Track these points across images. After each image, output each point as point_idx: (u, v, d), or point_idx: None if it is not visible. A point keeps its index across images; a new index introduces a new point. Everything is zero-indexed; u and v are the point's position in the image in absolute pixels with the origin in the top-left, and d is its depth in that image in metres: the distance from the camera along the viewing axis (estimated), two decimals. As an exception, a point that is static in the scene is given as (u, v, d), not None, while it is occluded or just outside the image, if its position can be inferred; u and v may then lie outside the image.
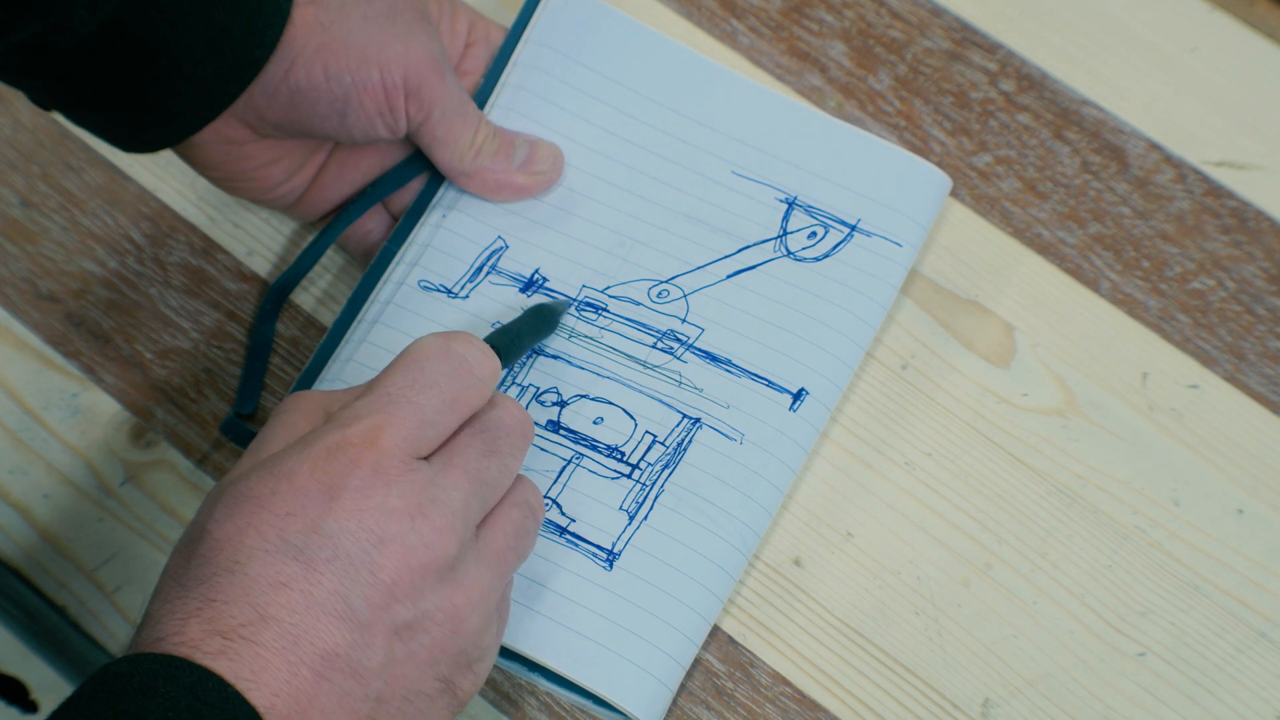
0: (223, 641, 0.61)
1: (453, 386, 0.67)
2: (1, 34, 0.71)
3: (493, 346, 0.73)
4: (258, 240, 0.85)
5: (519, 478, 0.70)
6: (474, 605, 0.66)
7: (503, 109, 0.84)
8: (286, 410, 0.68)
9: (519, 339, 0.76)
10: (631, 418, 0.78)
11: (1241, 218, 0.85)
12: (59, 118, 0.87)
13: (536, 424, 0.78)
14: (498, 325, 0.79)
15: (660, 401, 0.79)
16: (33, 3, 0.71)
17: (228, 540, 0.63)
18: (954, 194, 0.85)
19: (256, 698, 0.60)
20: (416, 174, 0.83)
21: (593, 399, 0.79)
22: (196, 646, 0.61)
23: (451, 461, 0.67)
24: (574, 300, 0.80)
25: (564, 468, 0.78)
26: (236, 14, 0.74)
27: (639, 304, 0.81)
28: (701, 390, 0.79)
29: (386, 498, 0.64)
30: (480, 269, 0.82)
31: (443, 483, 0.66)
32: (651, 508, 0.77)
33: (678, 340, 0.80)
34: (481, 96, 0.84)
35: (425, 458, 0.66)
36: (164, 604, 0.63)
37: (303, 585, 0.62)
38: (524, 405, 0.79)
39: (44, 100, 0.77)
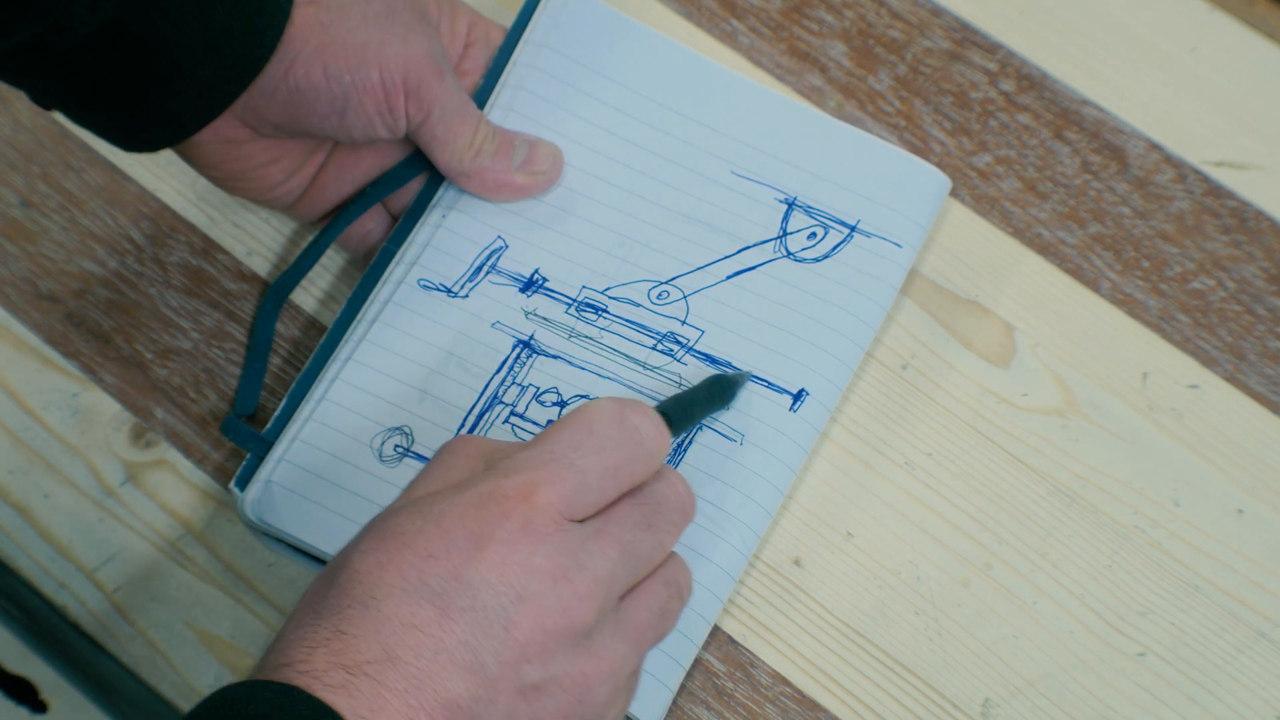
0: (346, 676, 0.60)
1: (619, 454, 0.66)
2: (2, 34, 0.71)
3: (665, 414, 0.71)
4: (258, 240, 0.85)
5: (672, 555, 0.68)
6: (604, 677, 0.64)
7: (502, 109, 0.84)
8: (448, 452, 0.67)
9: (692, 409, 0.75)
10: (631, 418, 0.78)
11: (1241, 218, 0.85)
12: (59, 117, 0.87)
13: (536, 424, 0.78)
14: (677, 391, 0.78)
15: (660, 402, 0.79)
16: (33, 3, 0.71)
17: (367, 574, 0.62)
18: (954, 194, 0.85)
19: None
20: (416, 174, 0.83)
21: (593, 399, 0.79)
22: (319, 677, 0.60)
23: (606, 529, 0.65)
24: (752, 376, 0.79)
25: (564, 468, 0.78)
26: (236, 14, 0.74)
27: (639, 305, 0.81)
28: (701, 390, 0.79)
29: (532, 555, 0.63)
30: (480, 269, 0.82)
31: (592, 549, 0.64)
32: (651, 508, 0.77)
33: (678, 343, 0.80)
34: (481, 96, 0.84)
35: (580, 521, 0.65)
36: (295, 629, 0.62)
37: (435, 631, 0.61)
38: (525, 405, 0.79)
39: (45, 100, 0.77)
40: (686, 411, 0.74)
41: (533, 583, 0.62)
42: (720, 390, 0.77)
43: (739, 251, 0.81)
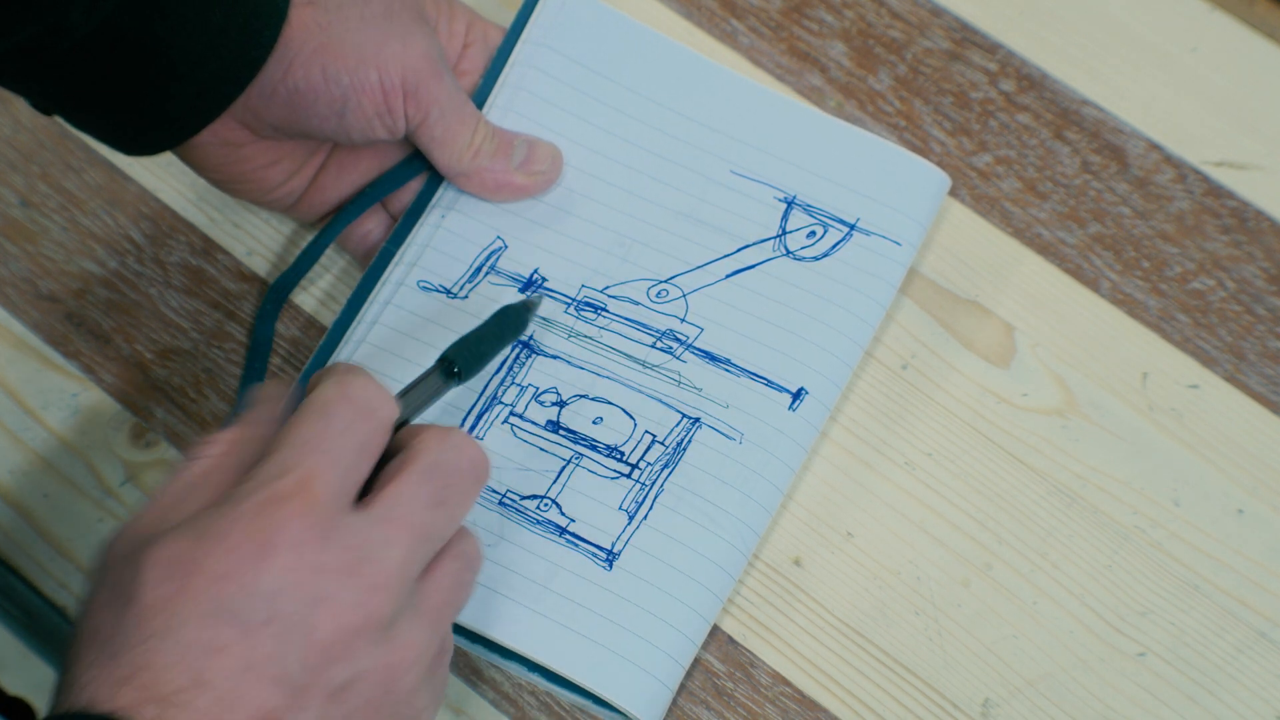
0: (157, 709, 0.59)
1: (361, 430, 0.65)
2: (1, 35, 0.71)
3: (452, 360, 0.71)
4: (258, 240, 0.85)
5: (460, 528, 0.68)
6: (409, 664, 0.64)
7: (501, 109, 0.84)
8: (196, 455, 0.66)
9: (481, 347, 0.74)
10: (631, 417, 0.78)
11: (1241, 218, 0.85)
12: (60, 120, 0.87)
13: (535, 424, 0.78)
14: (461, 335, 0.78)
15: (660, 401, 0.79)
16: (30, 4, 0.71)
17: (161, 605, 0.61)
18: (954, 194, 0.85)
19: None
20: (415, 174, 0.83)
21: (592, 399, 0.79)
22: (131, 713, 0.59)
23: (393, 515, 0.65)
24: (539, 299, 0.79)
25: (563, 468, 0.78)
26: (233, 15, 0.74)
27: (638, 304, 0.81)
28: (701, 390, 0.79)
29: (321, 554, 0.62)
30: (479, 269, 0.82)
31: (381, 536, 0.64)
32: (651, 507, 0.77)
33: (677, 340, 0.80)
34: (480, 97, 0.84)
35: (362, 506, 0.65)
36: (90, 668, 0.61)
37: (239, 649, 0.60)
38: (524, 406, 0.79)
39: (44, 105, 0.77)
40: (475, 351, 0.73)
41: (327, 582, 0.62)
42: (509, 320, 0.76)
43: (738, 250, 0.81)
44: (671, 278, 0.81)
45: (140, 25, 0.73)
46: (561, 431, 0.78)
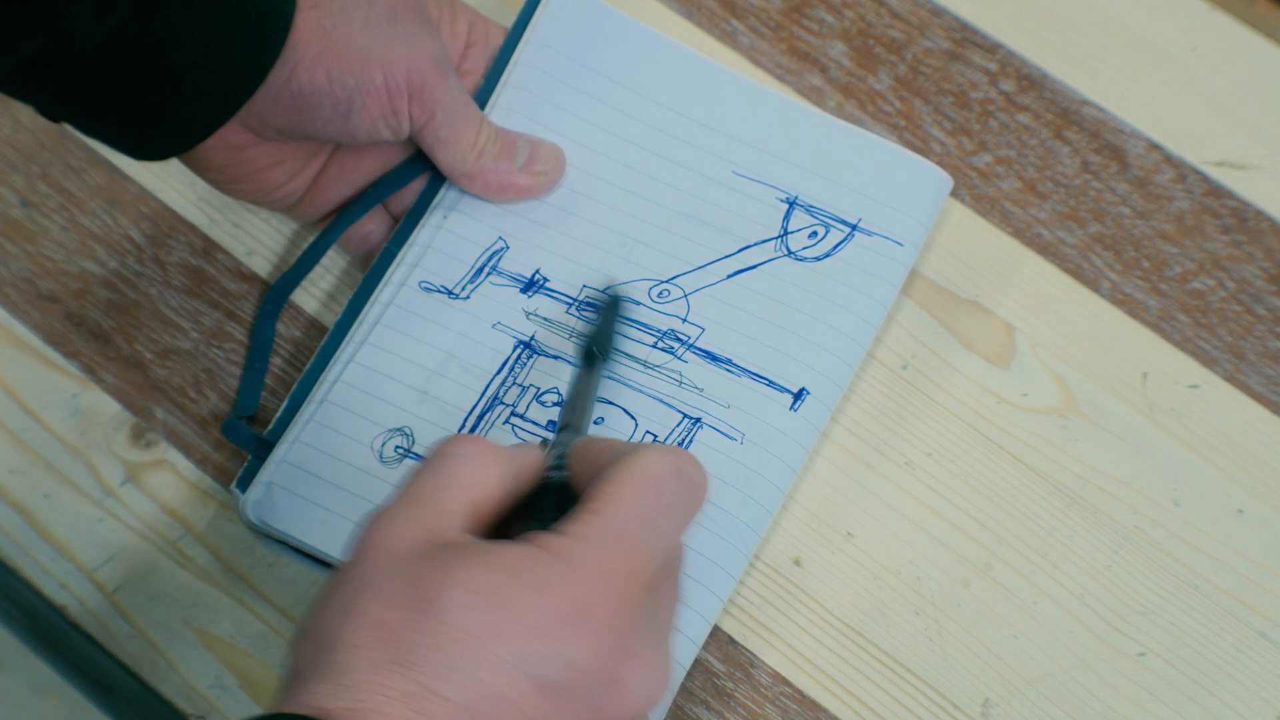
0: None
1: (689, 514, 0.64)
2: (8, 47, 0.71)
3: (592, 350, 0.73)
4: (258, 240, 0.85)
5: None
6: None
7: (503, 109, 0.84)
8: (455, 455, 0.64)
9: (609, 331, 0.78)
10: (632, 417, 0.78)
11: (1241, 218, 0.85)
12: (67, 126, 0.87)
13: (537, 424, 0.78)
14: (582, 329, 0.79)
15: (661, 401, 0.79)
16: (38, 14, 0.70)
17: (465, 636, 0.58)
18: (954, 194, 0.85)
19: None
20: (417, 175, 0.83)
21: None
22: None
23: (666, 582, 0.64)
24: (623, 297, 0.80)
25: (564, 468, 0.78)
26: (240, 20, 0.74)
27: (639, 304, 0.81)
28: (702, 390, 0.79)
29: (630, 638, 0.60)
30: (481, 270, 0.82)
31: (668, 622, 0.63)
32: (652, 508, 0.77)
33: (678, 340, 0.80)
34: (482, 97, 0.84)
35: (650, 588, 0.62)
36: (374, 668, 0.58)
37: (529, 708, 0.58)
38: (525, 406, 0.79)
39: (54, 114, 0.77)
40: (605, 339, 0.76)
41: (627, 669, 0.60)
42: (617, 306, 0.78)
43: (740, 250, 0.81)
44: (673, 278, 0.81)
45: (147, 33, 0.72)
46: (562, 432, 0.78)
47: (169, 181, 0.86)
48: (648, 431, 0.78)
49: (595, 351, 0.76)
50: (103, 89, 0.74)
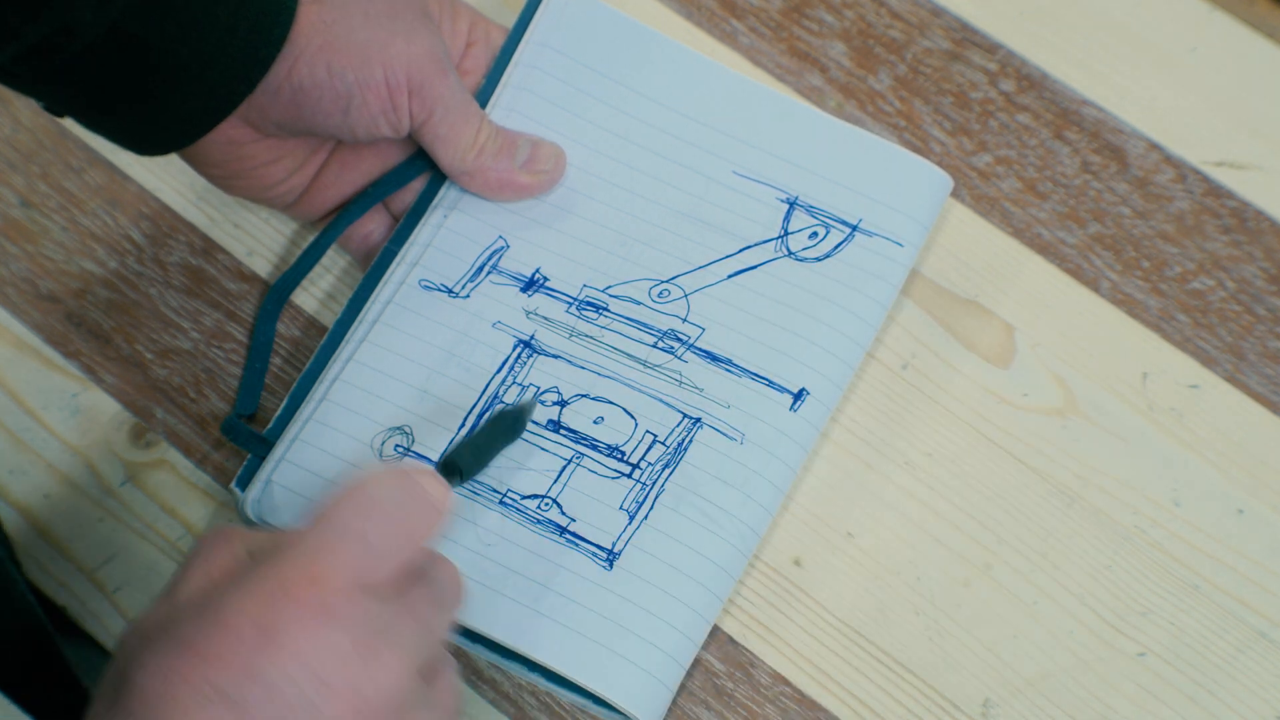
0: None
1: (404, 513, 0.63)
2: (11, 37, 0.71)
3: (456, 462, 0.71)
4: (258, 240, 0.85)
5: (444, 654, 0.64)
6: None
7: (504, 109, 0.84)
8: (205, 547, 0.62)
9: (482, 452, 0.73)
10: (632, 417, 0.79)
11: (1241, 218, 0.85)
12: (67, 120, 0.87)
13: (536, 423, 0.78)
14: (457, 440, 0.77)
15: (661, 401, 0.79)
16: (40, 4, 0.71)
17: (154, 691, 0.57)
18: (954, 194, 0.85)
19: None
20: (417, 174, 0.83)
21: (593, 398, 0.79)
22: None
23: (404, 604, 0.61)
24: (538, 398, 0.78)
25: (564, 467, 0.78)
26: (242, 14, 0.74)
27: (640, 303, 0.81)
28: (702, 390, 0.79)
29: (330, 634, 0.58)
30: (481, 269, 0.82)
31: (394, 622, 0.60)
32: (652, 507, 0.77)
33: (678, 340, 0.80)
34: (483, 97, 0.84)
35: (370, 590, 0.61)
36: None
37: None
38: (525, 405, 0.79)
39: (56, 107, 0.77)
40: (477, 456, 0.73)
41: (336, 666, 0.58)
42: (506, 424, 0.75)
43: (740, 250, 0.81)
44: (673, 278, 0.81)
45: (149, 26, 0.73)
46: (562, 431, 0.78)
47: (169, 181, 0.86)
48: (648, 431, 0.78)
49: (458, 465, 0.72)
50: (104, 82, 0.74)
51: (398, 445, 0.78)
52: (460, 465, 0.72)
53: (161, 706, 0.57)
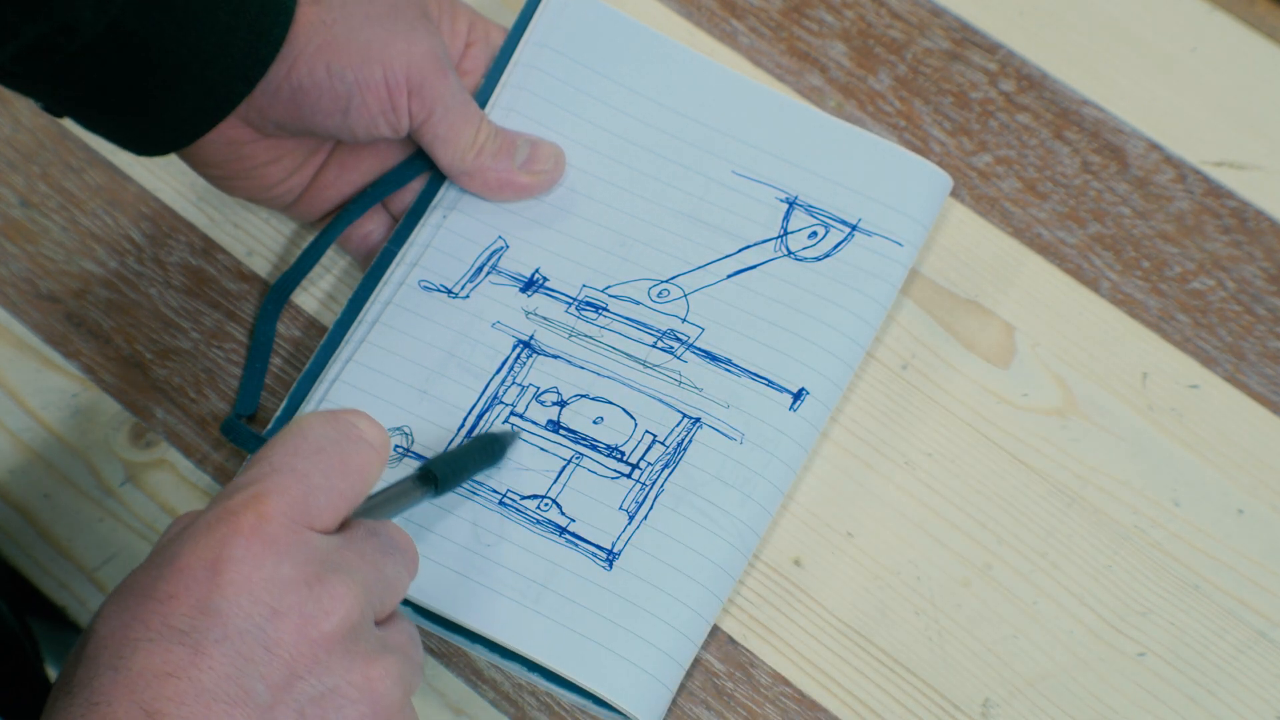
0: None
1: (341, 451, 0.63)
2: (10, 35, 0.71)
3: (432, 472, 0.71)
4: (258, 240, 0.85)
5: (401, 615, 0.65)
6: (391, 681, 0.61)
7: (503, 109, 0.84)
8: (174, 527, 0.63)
9: (460, 466, 0.74)
10: (631, 417, 0.79)
11: (1241, 218, 0.85)
12: (66, 119, 0.87)
13: (536, 423, 0.78)
14: (442, 452, 0.77)
15: (660, 401, 0.79)
16: (40, 3, 0.71)
17: (111, 636, 0.58)
18: (954, 194, 0.85)
19: None
20: (416, 174, 0.83)
21: (593, 398, 0.79)
22: None
23: (349, 544, 0.62)
24: (517, 435, 0.78)
25: (564, 467, 0.78)
26: (241, 14, 0.74)
27: (639, 303, 0.81)
28: (701, 390, 0.79)
29: (278, 565, 0.59)
30: (481, 269, 0.82)
31: (339, 557, 0.61)
32: (651, 507, 0.77)
33: (678, 340, 0.80)
34: (482, 97, 0.84)
35: (320, 531, 0.62)
36: (50, 715, 0.58)
37: (191, 672, 0.57)
38: (525, 405, 0.79)
39: (56, 108, 0.77)
40: (454, 468, 0.73)
41: (285, 594, 0.59)
42: (489, 449, 0.76)
43: (740, 250, 0.81)
44: (673, 277, 0.81)
45: (148, 25, 0.73)
46: (562, 431, 0.78)
47: (169, 181, 0.86)
48: (647, 431, 0.78)
49: (434, 474, 0.73)
50: (104, 81, 0.74)
51: (397, 445, 0.78)
52: (436, 474, 0.72)
53: (117, 648, 0.58)
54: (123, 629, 0.58)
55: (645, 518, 0.76)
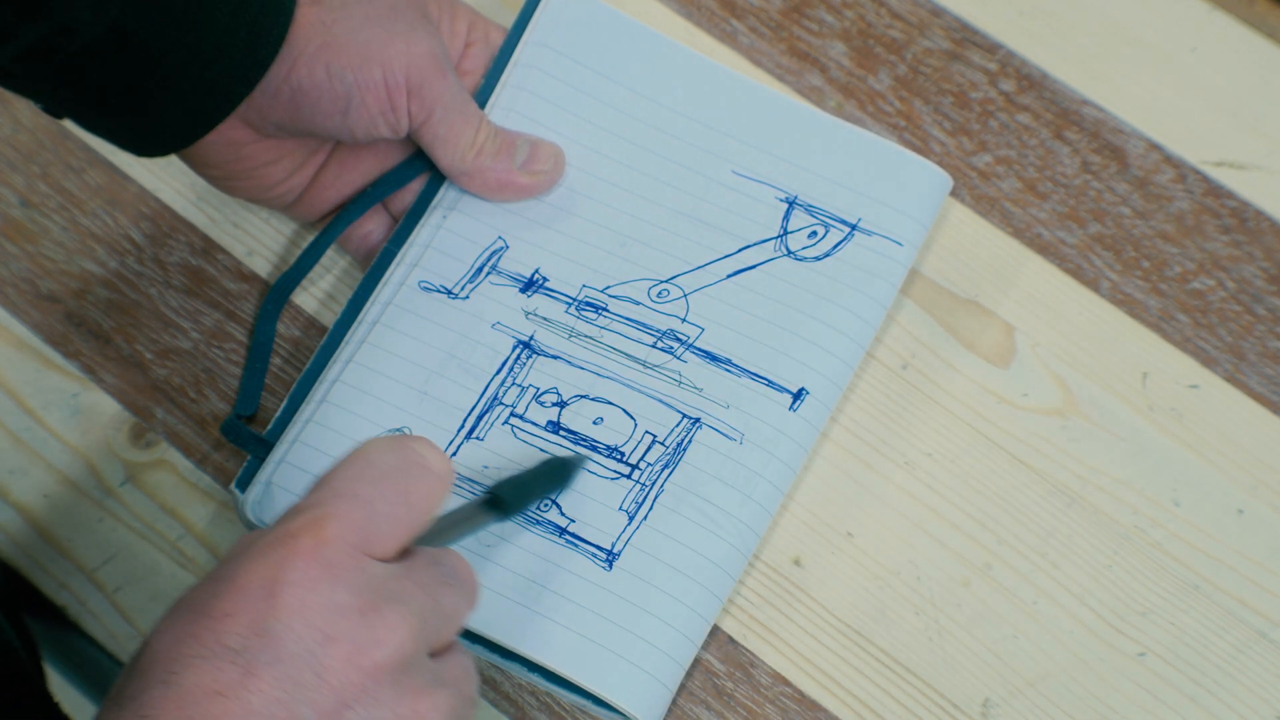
0: None
1: (405, 479, 0.63)
2: (10, 36, 0.71)
3: (500, 497, 0.70)
4: (258, 240, 0.85)
5: (458, 646, 0.65)
6: (440, 713, 0.60)
7: (503, 109, 0.84)
8: (237, 546, 0.63)
9: (528, 490, 0.73)
10: (631, 418, 0.78)
11: (1241, 218, 0.85)
12: (67, 120, 0.87)
13: (536, 424, 0.78)
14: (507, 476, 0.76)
15: (660, 401, 0.79)
16: (39, 4, 0.71)
17: (165, 651, 0.58)
18: (954, 194, 0.85)
19: None
20: (416, 174, 0.83)
21: (593, 399, 0.79)
22: None
23: (408, 574, 0.62)
24: (584, 461, 0.77)
25: (564, 468, 0.78)
26: (240, 15, 0.74)
27: (639, 303, 0.81)
28: (701, 390, 0.79)
29: (334, 592, 0.59)
30: (480, 269, 0.82)
31: (398, 586, 0.61)
32: (651, 508, 0.77)
33: (678, 340, 0.80)
34: (482, 97, 0.84)
35: (379, 559, 0.62)
36: None
37: (240, 693, 0.57)
38: (524, 406, 0.79)
39: (56, 109, 0.77)
40: (522, 492, 0.73)
41: (339, 621, 0.59)
42: (557, 473, 0.75)
43: (739, 250, 0.81)
44: (672, 277, 0.81)
45: (148, 25, 0.73)
46: (562, 432, 0.78)
47: (169, 181, 0.86)
48: (647, 431, 0.78)
49: (504, 499, 0.72)
50: (103, 82, 0.74)
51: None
52: (504, 499, 0.72)
53: (169, 663, 0.58)
54: (176, 644, 0.58)
55: (645, 518, 0.76)
